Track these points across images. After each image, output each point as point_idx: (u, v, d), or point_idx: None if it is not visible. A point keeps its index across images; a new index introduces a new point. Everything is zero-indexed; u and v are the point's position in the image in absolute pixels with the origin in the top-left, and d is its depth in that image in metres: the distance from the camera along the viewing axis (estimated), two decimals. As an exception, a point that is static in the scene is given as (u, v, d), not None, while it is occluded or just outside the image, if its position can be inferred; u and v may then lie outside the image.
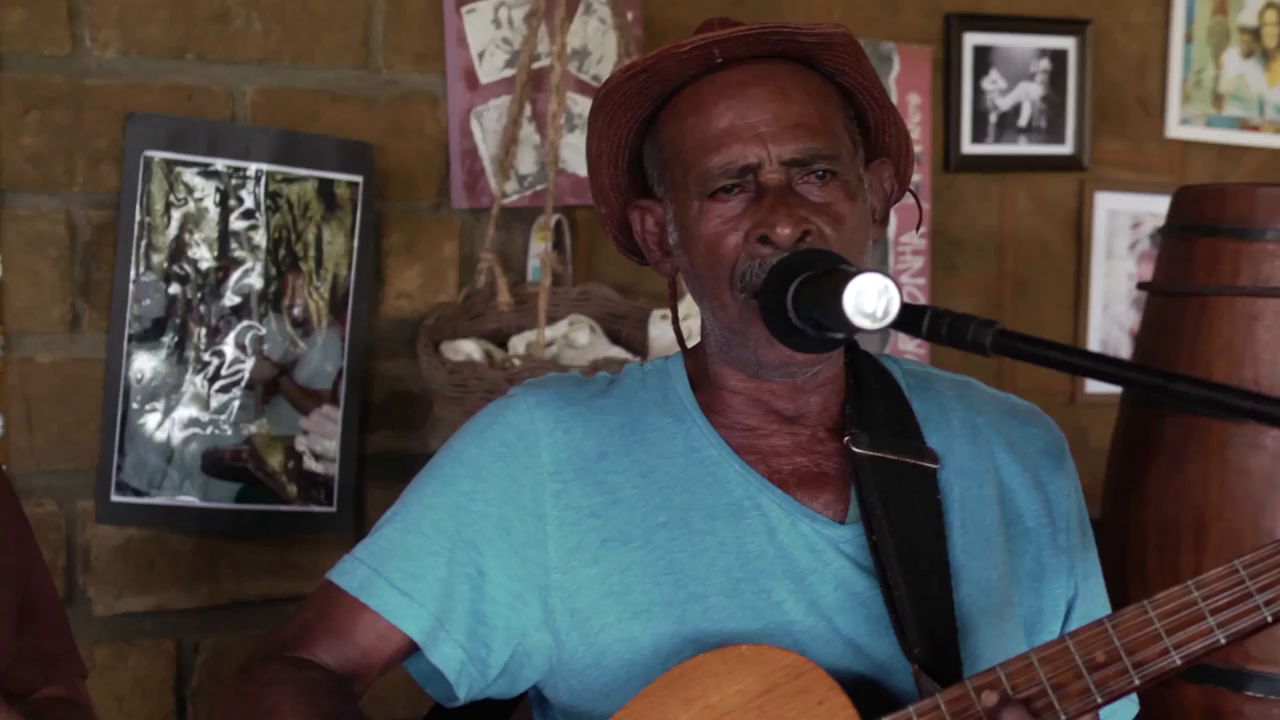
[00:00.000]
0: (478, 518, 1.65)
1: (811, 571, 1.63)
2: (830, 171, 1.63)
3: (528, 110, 2.88)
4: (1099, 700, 1.49)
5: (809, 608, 1.61)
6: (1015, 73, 3.45)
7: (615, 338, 2.93)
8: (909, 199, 1.81)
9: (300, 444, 2.76)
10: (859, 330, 1.48)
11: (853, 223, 1.64)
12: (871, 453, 1.66)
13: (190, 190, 2.66)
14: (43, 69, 2.55)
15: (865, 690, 1.56)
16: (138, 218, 2.62)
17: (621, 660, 1.61)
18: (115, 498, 2.64)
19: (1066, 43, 3.48)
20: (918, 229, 1.97)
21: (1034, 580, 1.74)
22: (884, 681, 1.60)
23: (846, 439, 1.67)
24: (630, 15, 2.92)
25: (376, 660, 1.64)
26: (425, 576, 1.63)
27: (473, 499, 1.66)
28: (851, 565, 1.64)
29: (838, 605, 1.62)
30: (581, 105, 2.94)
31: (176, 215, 2.65)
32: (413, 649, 1.65)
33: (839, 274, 1.51)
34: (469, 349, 2.75)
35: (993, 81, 3.42)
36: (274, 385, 2.74)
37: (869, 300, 1.45)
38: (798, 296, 1.55)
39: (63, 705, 1.63)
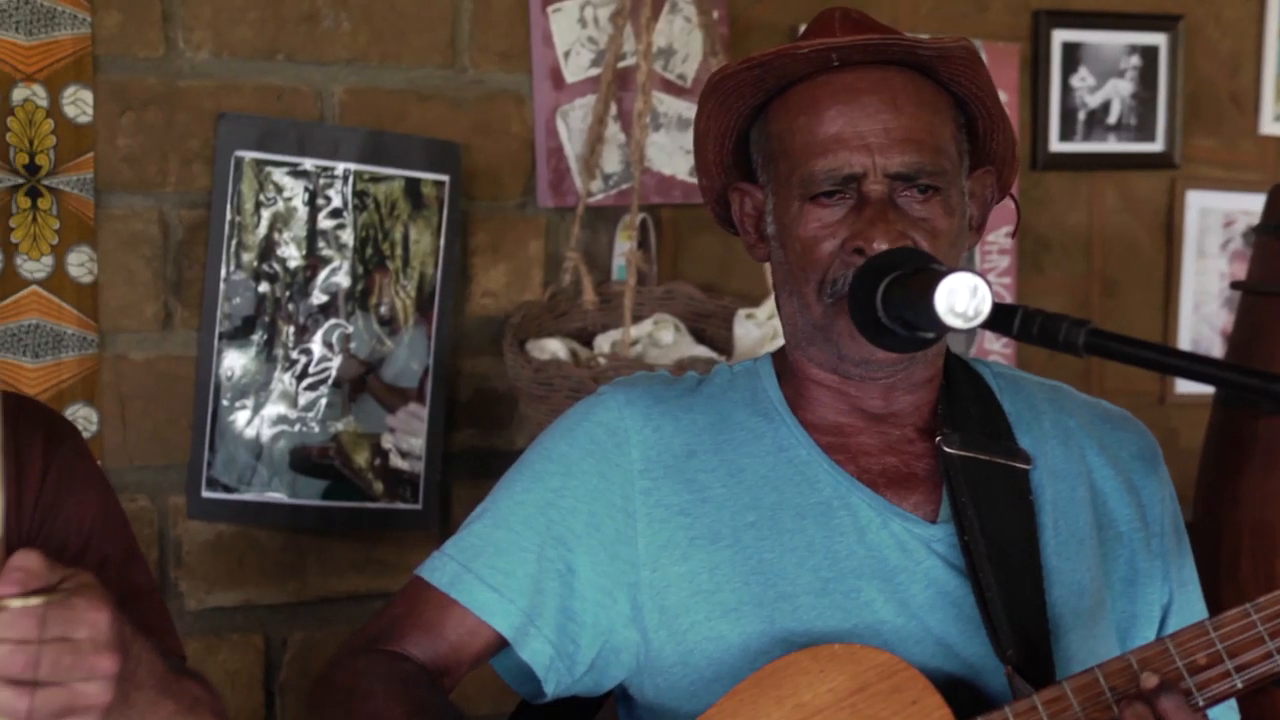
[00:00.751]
0: (567, 514, 1.65)
1: (901, 571, 1.62)
2: (933, 187, 1.62)
3: (613, 109, 2.88)
4: (1200, 703, 1.47)
5: (899, 607, 1.61)
6: (1105, 70, 3.41)
7: (700, 336, 2.93)
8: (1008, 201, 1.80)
9: (386, 442, 2.78)
10: (950, 330, 1.47)
11: (950, 237, 1.64)
12: (963, 453, 1.65)
13: (279, 189, 2.68)
14: (137, 71, 2.59)
15: (957, 690, 1.55)
16: (228, 217, 2.65)
17: (709, 659, 1.61)
18: (206, 494, 2.67)
19: (1157, 39, 3.44)
20: (1013, 235, 1.95)
21: (1127, 585, 1.72)
22: (975, 682, 1.59)
23: (938, 439, 1.66)
24: (716, 13, 2.92)
25: (466, 656, 1.65)
26: (515, 572, 1.64)
27: (562, 495, 1.66)
28: (942, 565, 1.63)
29: (928, 604, 1.61)
30: (667, 104, 2.94)
31: (266, 214, 2.68)
32: (501, 645, 1.65)
33: (930, 273, 1.50)
34: (554, 347, 2.76)
35: (1081, 79, 3.39)
36: (361, 383, 2.76)
37: (961, 300, 1.44)
38: (887, 296, 1.54)
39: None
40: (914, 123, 1.62)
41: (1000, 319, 1.44)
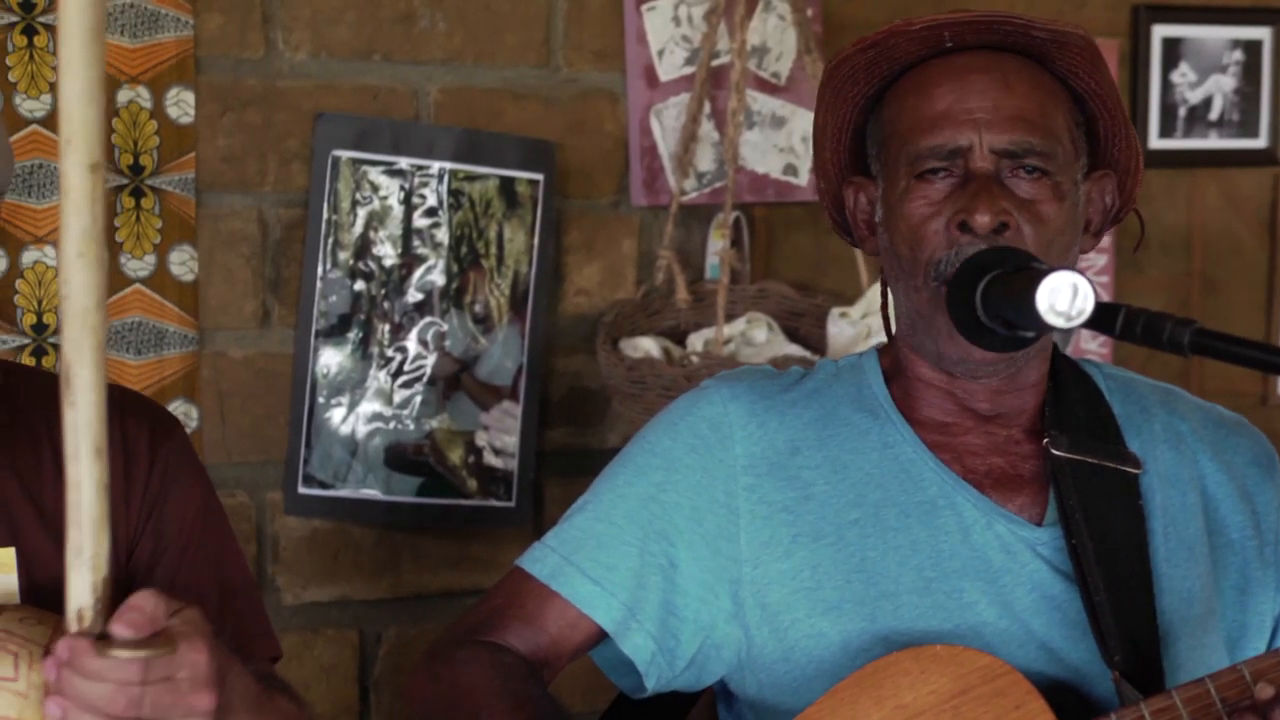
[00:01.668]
0: (670, 509, 1.65)
1: (1006, 573, 1.60)
2: (1041, 169, 1.60)
3: (707, 108, 2.88)
4: None
5: (1002, 609, 1.59)
6: (1206, 65, 3.35)
7: (793, 335, 2.92)
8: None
9: (480, 439, 2.79)
10: (1051, 329, 1.45)
11: (1057, 225, 1.60)
12: (1071, 455, 1.63)
13: (375, 188, 2.71)
14: (238, 72, 2.62)
15: (1060, 695, 1.54)
16: (325, 216, 2.68)
17: (810, 656, 1.60)
18: (302, 490, 2.70)
19: (1261, 33, 3.38)
20: (1135, 250, 1.92)
21: (1238, 594, 1.68)
22: (1079, 687, 1.57)
23: (1046, 441, 1.64)
24: (810, 11, 2.91)
25: (566, 648, 1.65)
26: (617, 566, 1.63)
27: (665, 490, 1.66)
28: (1048, 568, 1.61)
29: (1032, 608, 1.59)
30: (760, 102, 2.93)
31: (362, 213, 2.70)
32: (601, 638, 1.65)
33: (1031, 271, 1.49)
34: (647, 346, 2.76)
35: (1182, 74, 3.34)
36: (455, 381, 2.77)
37: (1062, 298, 1.42)
38: (987, 294, 1.52)
39: (274, 680, 1.67)
40: (1025, 102, 1.60)
41: (1103, 318, 1.42)
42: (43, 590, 1.55)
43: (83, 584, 1.25)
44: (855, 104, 1.69)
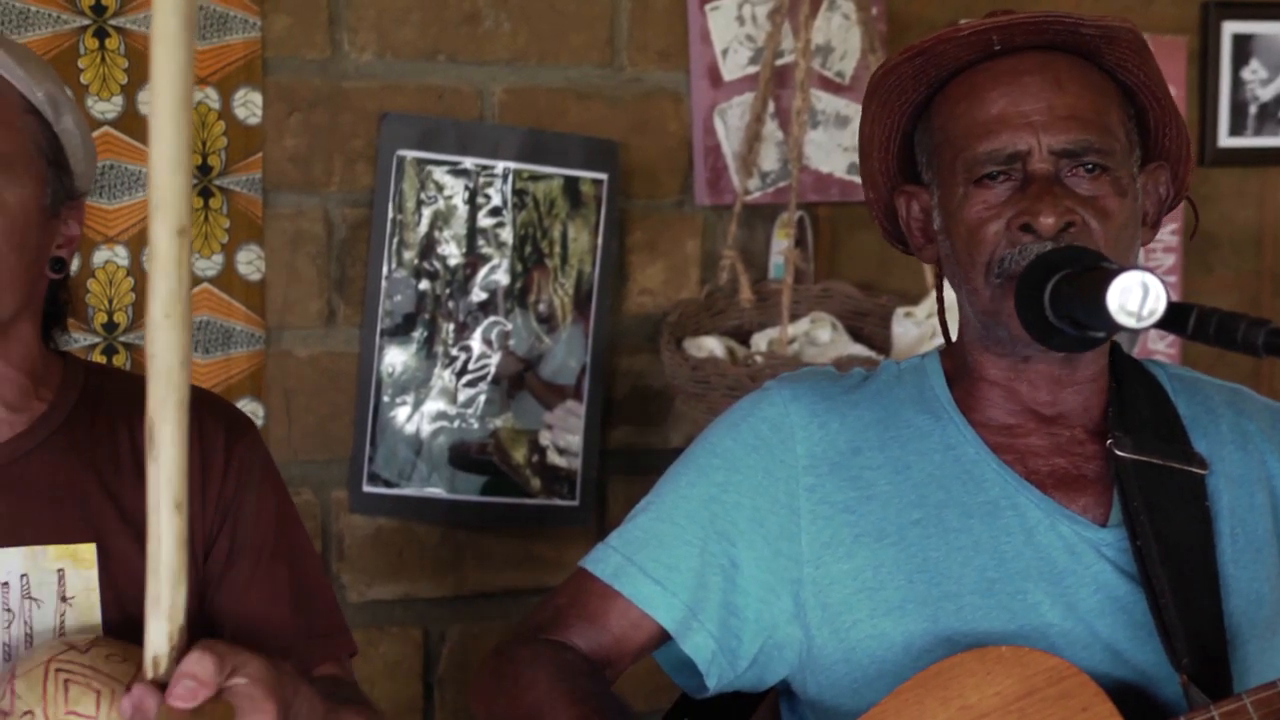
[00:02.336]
0: (731, 509, 1.65)
1: (1070, 574, 1.59)
2: (1101, 166, 1.59)
3: (771, 107, 2.87)
4: None
5: (1066, 611, 1.58)
6: (1277, 61, 3.31)
7: (857, 335, 2.91)
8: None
9: (544, 438, 2.80)
10: (1122, 329, 1.44)
11: (1121, 219, 1.59)
12: (1135, 456, 1.61)
13: (440, 188, 2.72)
14: (304, 73, 2.64)
15: (1126, 698, 1.52)
16: (390, 215, 2.69)
17: (872, 657, 1.60)
18: (367, 488, 2.72)
19: (1334, 29, 3.34)
20: (1191, 236, 1.90)
21: None
22: (1146, 690, 1.55)
23: (1109, 441, 1.63)
24: (874, 10, 2.90)
25: (628, 648, 1.65)
26: (678, 566, 1.64)
27: (726, 490, 1.66)
28: (1113, 569, 1.59)
29: (1097, 609, 1.58)
30: (825, 102, 2.92)
31: (427, 213, 2.71)
32: (663, 638, 1.66)
33: (1101, 271, 1.48)
34: (711, 345, 2.76)
35: (1253, 71, 3.30)
36: (519, 380, 2.78)
37: (1133, 298, 1.41)
38: (1055, 294, 1.52)
39: (344, 685, 1.68)
40: (1079, 101, 1.59)
41: (1175, 318, 1.41)
42: (120, 585, 1.58)
43: (159, 633, 1.28)
44: (904, 112, 1.68)
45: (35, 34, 2.44)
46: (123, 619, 1.56)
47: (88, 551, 1.58)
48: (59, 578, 1.57)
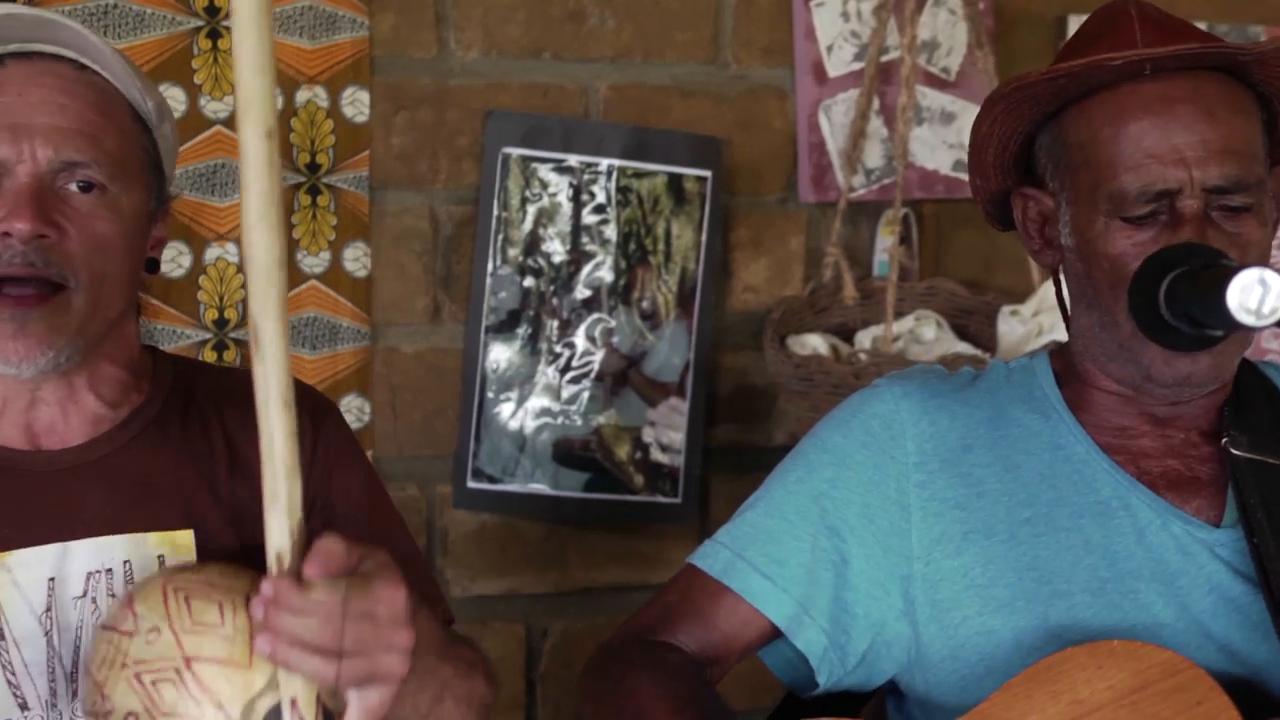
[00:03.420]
0: (841, 505, 1.65)
1: (1183, 574, 1.57)
2: (1249, 204, 1.55)
3: (876, 103, 2.86)
4: None
5: (1179, 611, 1.56)
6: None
7: (962, 333, 2.88)
8: None
9: (647, 435, 2.80)
10: (1241, 328, 1.42)
11: (1262, 249, 1.58)
12: (1252, 455, 1.59)
13: (545, 185, 2.73)
14: (411, 71, 2.66)
15: (1240, 694, 1.50)
16: (495, 212, 2.71)
17: (981, 654, 1.58)
18: (471, 484, 2.73)
19: None
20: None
21: None
22: (1261, 686, 1.53)
23: (1225, 440, 1.60)
24: (981, 4, 2.87)
25: (736, 645, 1.65)
26: (788, 561, 1.63)
27: (836, 486, 1.65)
28: (1227, 570, 1.57)
29: (1210, 610, 1.56)
30: (930, 98, 2.90)
31: (531, 210, 2.73)
32: (772, 635, 1.65)
33: (1220, 269, 1.46)
34: (815, 343, 2.75)
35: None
36: (622, 377, 2.79)
37: (1253, 297, 1.39)
38: (1171, 292, 1.49)
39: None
40: (1231, 131, 1.55)
41: (1298, 317, 1.38)
42: None
43: (280, 528, 1.31)
44: (1031, 119, 1.65)
45: (150, 35, 2.48)
46: None
47: (185, 538, 1.62)
48: (160, 564, 1.60)
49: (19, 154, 1.54)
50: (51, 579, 1.56)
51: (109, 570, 1.58)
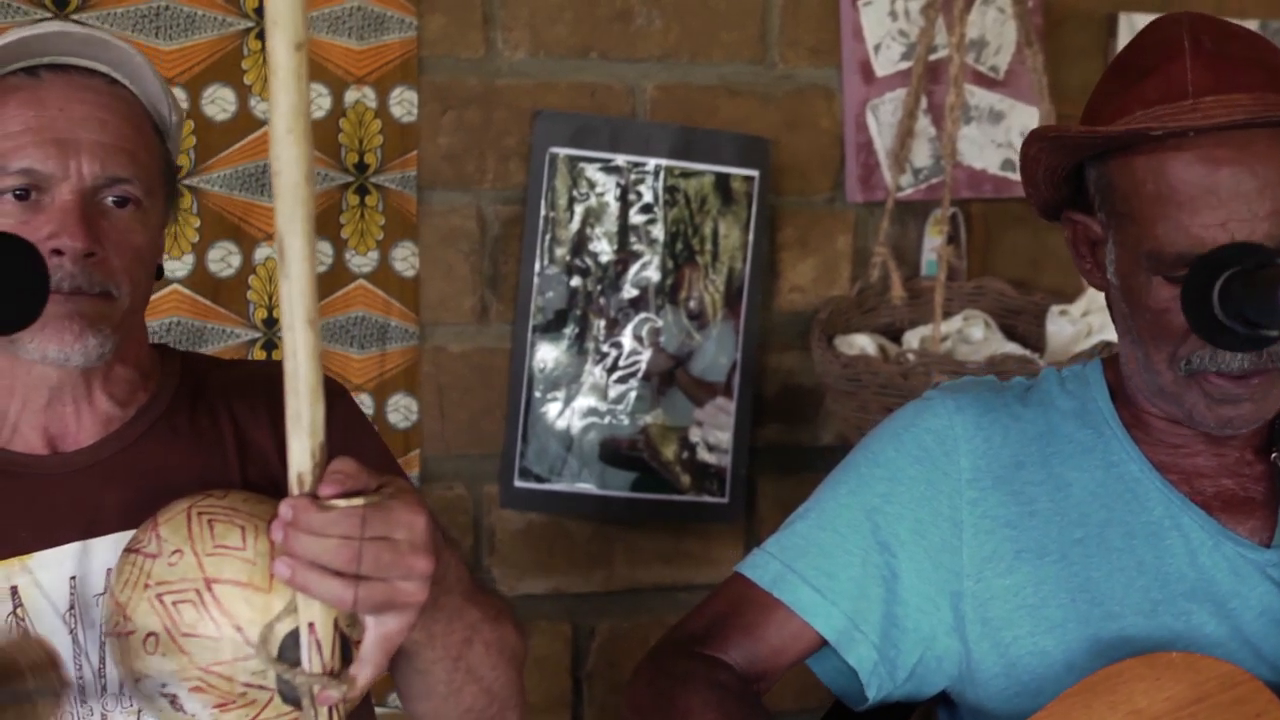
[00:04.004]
0: (892, 520, 1.64)
1: (1234, 596, 1.56)
2: None
3: (924, 103, 2.84)
4: None
5: (1231, 632, 1.55)
6: None
7: (1011, 333, 2.87)
8: None
9: (694, 435, 2.80)
10: None
11: None
12: None
13: (592, 185, 2.73)
14: (459, 72, 2.67)
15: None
16: (543, 212, 2.71)
17: (1033, 674, 1.58)
18: (518, 483, 2.74)
19: None
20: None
21: None
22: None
23: (1274, 455, 1.59)
24: (1030, 2, 2.85)
25: (785, 657, 1.65)
26: (839, 575, 1.63)
27: (888, 501, 1.65)
28: (1277, 591, 1.55)
29: (1262, 631, 1.55)
30: (979, 97, 2.88)
31: (579, 210, 2.73)
32: (819, 647, 1.65)
33: (1275, 269, 1.44)
34: (863, 343, 2.74)
35: None
36: (669, 377, 2.79)
37: None
38: (1225, 292, 1.47)
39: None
40: (1273, 189, 1.49)
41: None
42: None
43: (301, 449, 1.31)
44: (1077, 158, 1.61)
45: (200, 37, 2.49)
46: None
47: None
48: None
49: (65, 170, 1.55)
50: (73, 578, 1.58)
51: None
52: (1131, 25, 2.93)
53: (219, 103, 2.51)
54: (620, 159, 2.74)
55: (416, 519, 1.35)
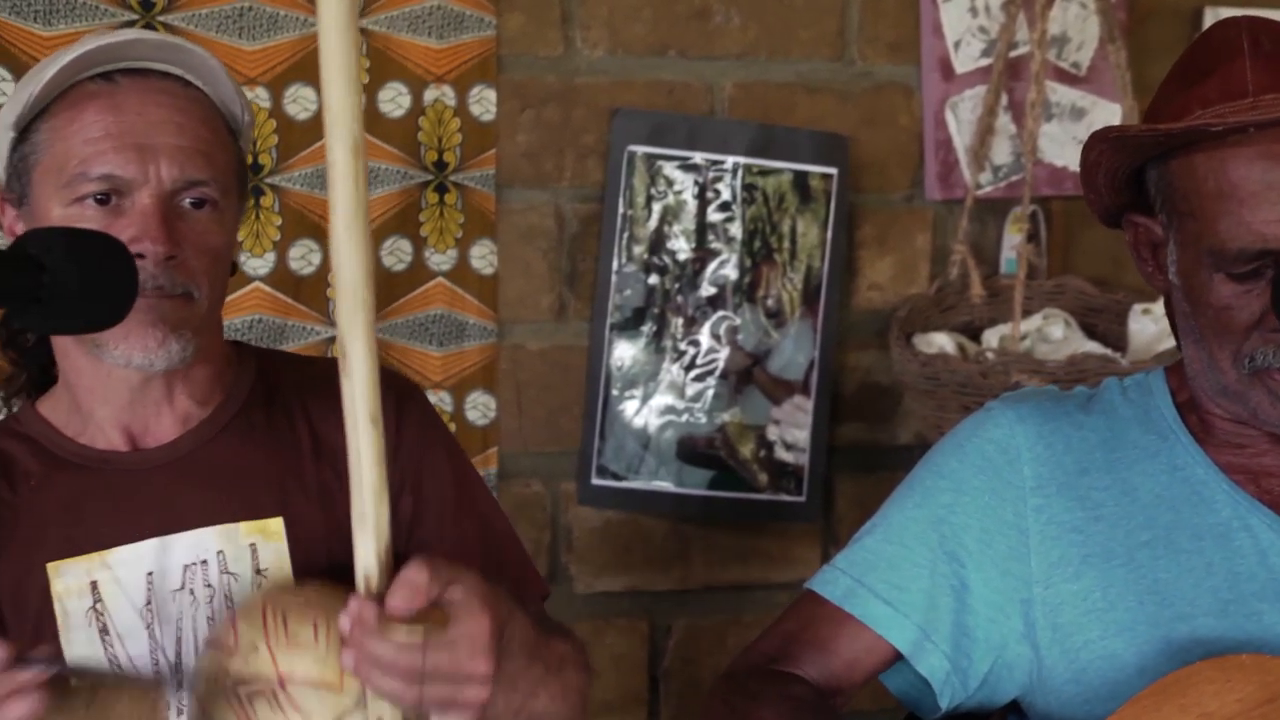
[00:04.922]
0: (959, 530, 1.64)
1: None
2: None
3: (1004, 99, 2.82)
4: None
5: None
6: None
7: (1091, 332, 2.84)
8: None
9: (771, 433, 2.80)
10: None
11: None
12: None
13: (670, 183, 2.74)
14: (537, 70, 2.68)
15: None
16: (620, 210, 2.72)
17: (1104, 678, 1.57)
18: (595, 481, 2.75)
19: None
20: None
21: None
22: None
23: None
24: (1114, -2, 2.83)
25: (859, 672, 1.66)
26: (909, 587, 1.63)
27: (954, 511, 1.65)
28: None
29: None
30: (1060, 94, 2.86)
31: (657, 208, 2.73)
32: (893, 660, 1.65)
33: None
34: (941, 341, 2.73)
35: None
36: (747, 375, 2.79)
37: None
38: None
39: (548, 619, 1.73)
40: None
41: None
42: (309, 554, 1.66)
43: (367, 550, 1.33)
44: (1138, 157, 1.61)
45: (283, 36, 2.52)
46: None
47: (276, 525, 1.66)
48: (252, 552, 1.65)
49: (145, 174, 1.58)
50: (150, 574, 1.61)
51: (204, 562, 1.63)
52: (1218, 20, 2.89)
53: (300, 102, 2.54)
54: (698, 157, 2.74)
55: (479, 627, 1.37)
